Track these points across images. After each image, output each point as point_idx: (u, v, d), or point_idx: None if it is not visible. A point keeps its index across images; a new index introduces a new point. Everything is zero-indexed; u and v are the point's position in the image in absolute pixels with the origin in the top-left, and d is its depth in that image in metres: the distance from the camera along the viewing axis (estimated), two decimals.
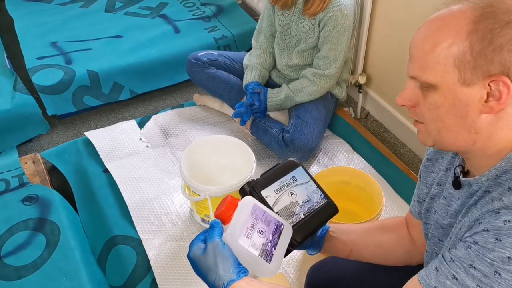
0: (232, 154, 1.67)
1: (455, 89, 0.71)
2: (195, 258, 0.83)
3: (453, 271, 0.71)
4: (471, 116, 0.72)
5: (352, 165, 1.94)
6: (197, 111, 2.23)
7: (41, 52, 2.40)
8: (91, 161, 1.95)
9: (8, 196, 1.76)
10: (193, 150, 1.64)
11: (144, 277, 1.54)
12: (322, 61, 1.90)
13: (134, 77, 2.33)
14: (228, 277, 0.79)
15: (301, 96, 1.95)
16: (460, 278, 0.70)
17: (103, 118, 2.29)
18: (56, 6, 2.82)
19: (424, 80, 0.74)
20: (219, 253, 0.81)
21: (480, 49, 0.68)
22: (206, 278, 0.82)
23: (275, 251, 0.87)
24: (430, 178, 0.95)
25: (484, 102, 0.70)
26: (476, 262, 0.69)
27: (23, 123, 2.10)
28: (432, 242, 0.93)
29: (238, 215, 0.86)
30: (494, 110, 0.71)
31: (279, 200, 0.96)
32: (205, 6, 2.82)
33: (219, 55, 2.16)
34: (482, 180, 0.77)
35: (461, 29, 0.70)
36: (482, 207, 0.73)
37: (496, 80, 0.69)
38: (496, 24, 0.68)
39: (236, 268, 0.81)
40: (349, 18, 1.82)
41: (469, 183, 0.80)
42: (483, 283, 0.67)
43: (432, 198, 0.93)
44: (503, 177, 0.73)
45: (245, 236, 0.84)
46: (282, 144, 1.88)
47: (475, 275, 0.68)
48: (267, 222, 0.88)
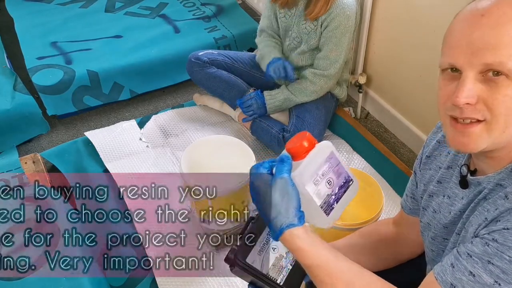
0: (232, 154, 1.67)
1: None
2: (259, 188, 0.79)
3: (470, 267, 0.70)
4: None
5: (352, 165, 1.94)
6: (197, 111, 2.23)
7: (41, 52, 2.40)
8: (91, 161, 1.95)
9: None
10: (193, 150, 1.64)
11: (144, 277, 1.54)
12: (323, 62, 1.90)
13: (134, 77, 2.33)
14: (290, 220, 0.76)
15: (301, 97, 1.95)
16: (477, 275, 0.69)
17: (103, 118, 2.29)
18: (56, 6, 2.82)
19: (498, 67, 0.67)
20: (287, 191, 0.76)
21: None
22: (266, 212, 0.78)
23: (336, 205, 0.83)
24: (427, 175, 0.94)
25: None
26: (495, 259, 0.67)
27: (23, 123, 2.10)
28: (437, 242, 0.92)
29: (312, 157, 0.80)
30: None
31: (265, 260, 0.90)
32: (205, 6, 2.82)
33: (219, 54, 2.16)
34: (494, 177, 0.75)
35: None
36: (496, 202, 0.72)
37: None
38: None
39: (298, 212, 0.77)
40: (351, 19, 1.82)
41: (478, 182, 0.78)
42: (501, 280, 0.66)
43: (431, 196, 0.92)
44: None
45: (313, 182, 0.79)
46: (282, 144, 1.88)
47: (493, 271, 0.67)
48: (338, 174, 0.83)
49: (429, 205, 0.92)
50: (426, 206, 0.94)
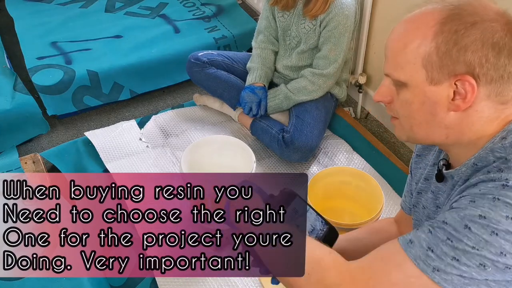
0: (232, 154, 1.67)
1: (423, 87, 0.75)
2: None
3: (429, 227, 0.74)
4: (440, 113, 0.75)
5: (352, 165, 1.94)
6: (197, 111, 2.23)
7: (41, 52, 2.40)
8: (91, 161, 1.95)
9: None
10: (193, 150, 1.64)
11: (144, 277, 1.54)
12: (322, 61, 1.90)
13: (134, 77, 2.33)
14: None
15: (300, 96, 1.95)
16: (434, 232, 0.72)
17: (103, 118, 2.29)
18: (56, 6, 2.82)
19: (396, 78, 0.77)
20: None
21: (446, 49, 0.71)
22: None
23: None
24: (418, 174, 0.97)
25: (451, 100, 0.73)
26: (449, 218, 0.71)
27: (23, 123, 2.10)
28: None
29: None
30: (461, 108, 0.73)
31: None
32: (205, 6, 2.82)
33: (219, 55, 2.16)
34: (462, 170, 0.79)
35: (428, 30, 0.73)
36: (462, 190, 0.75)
37: (462, 80, 0.71)
38: (461, 26, 0.70)
39: None
40: (350, 19, 1.82)
41: (451, 175, 0.82)
42: (453, 236, 0.69)
43: (419, 193, 0.94)
44: (479, 164, 0.75)
45: None
46: (282, 144, 1.88)
47: (446, 229, 0.70)
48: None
49: (418, 202, 0.95)
50: (416, 203, 0.96)
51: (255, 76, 2.00)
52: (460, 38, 0.70)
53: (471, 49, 0.70)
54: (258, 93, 1.97)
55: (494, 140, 0.74)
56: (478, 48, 0.69)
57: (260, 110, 1.98)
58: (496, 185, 0.69)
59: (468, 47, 0.70)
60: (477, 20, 0.70)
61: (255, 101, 1.97)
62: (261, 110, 1.98)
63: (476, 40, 0.69)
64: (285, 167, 1.93)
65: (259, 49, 2.05)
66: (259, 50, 2.05)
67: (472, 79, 0.70)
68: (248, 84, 2.00)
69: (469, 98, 0.72)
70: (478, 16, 0.71)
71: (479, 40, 0.69)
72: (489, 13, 0.71)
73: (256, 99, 1.97)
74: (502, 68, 0.70)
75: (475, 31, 0.70)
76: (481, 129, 0.75)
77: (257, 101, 1.97)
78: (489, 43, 0.69)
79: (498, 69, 0.70)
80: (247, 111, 1.99)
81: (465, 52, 0.70)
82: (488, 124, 0.75)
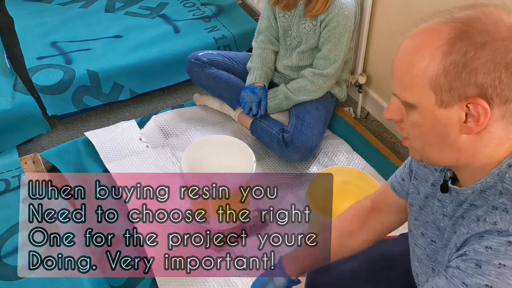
0: (232, 154, 1.67)
1: (433, 110, 0.71)
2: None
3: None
4: (451, 136, 0.71)
5: (352, 165, 1.94)
6: (197, 111, 2.23)
7: (41, 52, 2.40)
8: (91, 161, 1.95)
9: (8, 196, 1.76)
10: (193, 150, 1.64)
11: (144, 277, 1.54)
12: (322, 61, 1.90)
13: (134, 77, 2.33)
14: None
15: (300, 96, 1.95)
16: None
17: (103, 118, 2.29)
18: (56, 6, 2.82)
19: (404, 99, 0.74)
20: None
21: (455, 72, 0.67)
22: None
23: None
24: (422, 173, 0.94)
25: (463, 122, 0.69)
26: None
27: (23, 123, 2.10)
28: (425, 241, 0.93)
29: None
30: (474, 131, 0.69)
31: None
32: (205, 6, 2.82)
33: (219, 55, 2.16)
34: (468, 192, 0.77)
35: (436, 50, 0.68)
36: (469, 225, 0.74)
37: (474, 103, 0.67)
38: (471, 47, 0.66)
39: None
40: (350, 19, 1.82)
41: (457, 192, 0.80)
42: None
43: (427, 197, 0.92)
44: (488, 192, 0.73)
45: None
46: (282, 144, 1.88)
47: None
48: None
49: (426, 205, 0.93)
50: (423, 206, 0.94)
51: (255, 76, 2.00)
52: (470, 61, 0.65)
53: (482, 71, 0.65)
54: (258, 93, 1.97)
55: (501, 166, 0.72)
56: (490, 70, 0.65)
57: (260, 110, 1.98)
58: (502, 241, 0.66)
59: (479, 70, 0.65)
60: (487, 40, 0.65)
61: (255, 101, 1.97)
62: (261, 110, 1.98)
63: (487, 62, 0.65)
64: (285, 167, 1.93)
65: (260, 49, 2.05)
66: (259, 50, 2.05)
67: (485, 102, 0.66)
68: (248, 84, 2.00)
69: (482, 121, 0.68)
70: (488, 35, 0.66)
71: (490, 62, 0.65)
72: (501, 31, 0.66)
73: (256, 99, 1.97)
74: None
75: (486, 52, 0.65)
76: (491, 152, 0.72)
77: (257, 101, 1.97)
78: (501, 65, 0.65)
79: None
80: (247, 111, 1.99)
81: (476, 74, 0.65)
82: (498, 147, 0.71)
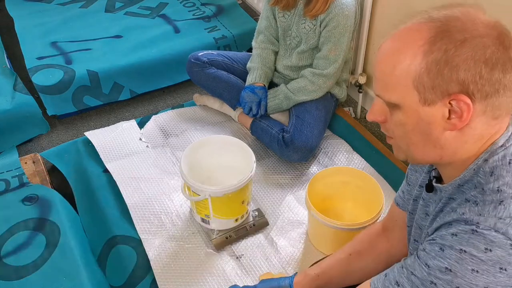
0: (232, 154, 1.67)
1: (417, 108, 0.72)
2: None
3: (398, 276, 0.75)
4: (435, 133, 0.73)
5: (352, 165, 1.94)
6: (197, 111, 2.23)
7: (41, 52, 2.40)
8: (91, 161, 1.95)
9: (8, 196, 1.76)
10: (193, 150, 1.64)
11: (144, 277, 1.54)
12: (322, 61, 1.90)
13: (134, 77, 2.33)
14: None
15: (300, 96, 1.95)
16: (401, 284, 0.74)
17: (103, 118, 2.29)
18: (56, 6, 2.82)
19: (388, 100, 0.75)
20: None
21: (437, 70, 0.68)
22: None
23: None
24: (414, 177, 0.97)
25: (447, 119, 0.71)
26: (417, 270, 0.72)
27: (23, 123, 2.10)
28: (411, 244, 0.95)
29: None
30: (457, 127, 0.71)
31: None
32: (205, 6, 2.82)
33: (219, 55, 2.16)
34: (448, 189, 0.79)
35: (417, 50, 0.70)
36: (445, 216, 0.76)
37: (456, 99, 0.69)
38: (451, 44, 0.68)
39: None
40: (350, 19, 1.82)
41: (440, 189, 0.82)
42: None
43: (415, 200, 0.94)
44: (465, 186, 0.75)
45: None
46: (282, 144, 1.88)
47: (414, 282, 0.72)
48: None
49: (415, 209, 0.94)
50: (413, 210, 0.96)
51: (255, 76, 2.00)
52: (451, 58, 0.68)
53: (463, 68, 0.67)
54: (258, 93, 1.97)
55: (478, 161, 0.74)
56: (470, 67, 0.67)
57: (260, 110, 1.98)
58: (467, 229, 0.68)
59: (460, 66, 0.67)
60: (467, 37, 0.68)
61: (255, 101, 1.97)
62: (261, 110, 1.98)
63: (467, 58, 0.67)
64: (285, 167, 1.93)
65: (259, 49, 2.05)
66: (259, 50, 2.05)
67: (467, 97, 0.68)
68: (248, 84, 2.00)
69: (466, 117, 0.70)
70: (467, 32, 0.68)
71: (470, 58, 0.67)
72: (478, 28, 0.69)
73: (256, 99, 1.97)
74: (497, 83, 0.68)
75: (466, 49, 0.67)
76: (471, 147, 0.74)
77: (257, 101, 1.97)
78: (481, 60, 0.67)
79: (493, 84, 0.68)
80: (247, 111, 1.99)
81: (457, 71, 0.67)
82: (478, 142, 0.74)
